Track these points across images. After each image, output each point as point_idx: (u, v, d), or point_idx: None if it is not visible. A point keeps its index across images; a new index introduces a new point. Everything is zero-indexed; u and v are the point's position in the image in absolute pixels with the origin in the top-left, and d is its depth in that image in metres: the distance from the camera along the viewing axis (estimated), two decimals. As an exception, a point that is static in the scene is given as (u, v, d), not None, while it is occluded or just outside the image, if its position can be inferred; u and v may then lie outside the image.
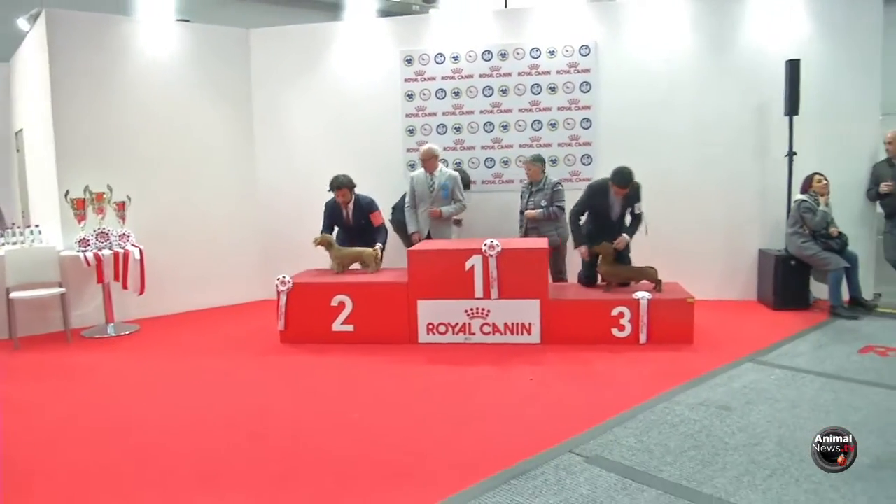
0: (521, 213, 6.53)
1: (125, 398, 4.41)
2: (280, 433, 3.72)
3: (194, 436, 3.71)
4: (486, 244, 5.33)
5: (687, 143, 6.87)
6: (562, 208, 6.25)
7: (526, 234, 6.47)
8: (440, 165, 6.45)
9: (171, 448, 3.55)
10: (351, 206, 6.26)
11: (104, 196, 6.24)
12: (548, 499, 2.84)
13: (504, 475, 3.06)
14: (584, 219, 5.91)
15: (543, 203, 6.24)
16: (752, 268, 6.90)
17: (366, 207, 6.29)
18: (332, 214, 6.30)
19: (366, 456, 3.38)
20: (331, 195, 6.27)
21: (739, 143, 6.82)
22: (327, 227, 6.28)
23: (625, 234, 5.71)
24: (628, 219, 5.85)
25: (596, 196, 5.79)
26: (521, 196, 6.56)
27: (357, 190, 6.30)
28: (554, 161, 7.05)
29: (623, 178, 5.58)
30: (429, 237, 6.43)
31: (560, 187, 6.30)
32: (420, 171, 6.49)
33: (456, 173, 6.56)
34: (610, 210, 5.78)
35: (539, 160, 6.41)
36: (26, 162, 7.73)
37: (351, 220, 6.28)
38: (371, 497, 2.96)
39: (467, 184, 6.76)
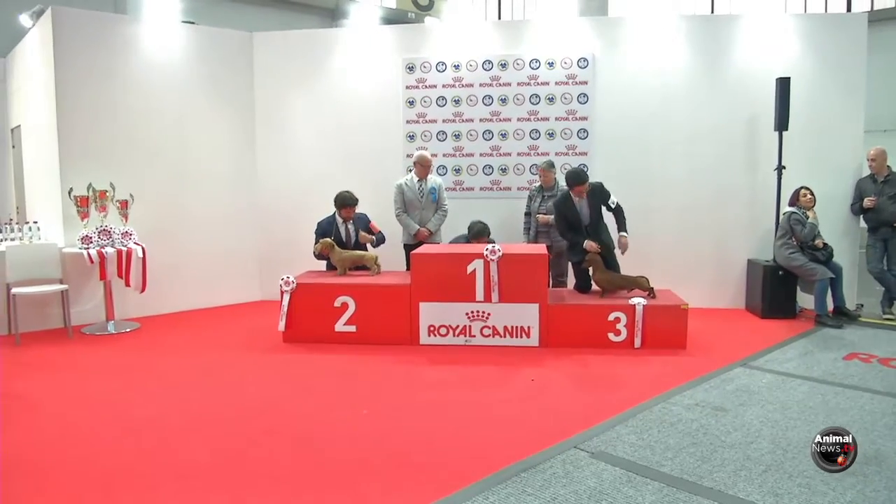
0: (528, 214, 6.75)
1: (132, 394, 4.46)
2: (293, 428, 3.81)
3: (206, 432, 3.77)
4: (487, 248, 5.47)
5: (680, 155, 7.06)
6: None
7: (536, 237, 6.66)
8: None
9: (183, 444, 3.61)
10: (351, 223, 6.33)
11: (107, 194, 6.28)
12: (557, 490, 2.97)
13: (514, 468, 3.19)
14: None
15: None
16: (740, 277, 7.08)
17: (363, 221, 6.38)
18: (325, 234, 6.21)
19: (380, 448, 3.50)
20: (322, 215, 6.34)
21: (730, 156, 7.02)
22: None
23: (622, 233, 5.87)
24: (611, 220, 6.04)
25: (564, 208, 5.98)
26: (531, 198, 6.74)
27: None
28: (551, 170, 7.21)
29: (577, 176, 5.83)
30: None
31: None
32: (408, 177, 6.63)
33: (441, 180, 6.79)
34: (580, 216, 5.96)
35: (553, 166, 6.63)
36: (24, 158, 7.74)
37: (352, 237, 6.32)
38: (390, 486, 3.08)
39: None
